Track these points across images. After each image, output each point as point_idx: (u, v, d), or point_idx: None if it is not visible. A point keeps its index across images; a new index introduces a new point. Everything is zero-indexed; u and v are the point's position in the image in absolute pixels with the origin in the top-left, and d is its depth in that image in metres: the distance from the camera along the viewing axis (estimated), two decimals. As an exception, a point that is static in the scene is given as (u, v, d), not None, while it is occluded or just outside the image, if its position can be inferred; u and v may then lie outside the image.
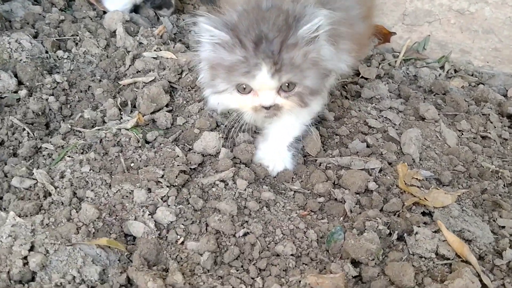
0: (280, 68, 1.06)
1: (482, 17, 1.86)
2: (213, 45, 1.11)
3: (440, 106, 1.68)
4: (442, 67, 1.96)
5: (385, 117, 1.57)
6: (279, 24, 1.07)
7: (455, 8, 1.88)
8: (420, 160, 1.40)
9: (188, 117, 1.48)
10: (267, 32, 1.06)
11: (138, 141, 1.34)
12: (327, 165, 1.35)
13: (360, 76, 1.82)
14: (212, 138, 1.32)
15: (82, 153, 1.29)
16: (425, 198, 1.22)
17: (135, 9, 2.01)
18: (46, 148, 1.32)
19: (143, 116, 1.46)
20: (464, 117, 1.61)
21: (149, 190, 1.18)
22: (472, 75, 1.93)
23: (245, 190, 1.21)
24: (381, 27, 1.97)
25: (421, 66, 1.94)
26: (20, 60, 1.56)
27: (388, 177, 1.30)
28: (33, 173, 1.21)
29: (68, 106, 1.52)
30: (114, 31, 1.82)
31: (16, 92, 1.49)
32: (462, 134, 1.56)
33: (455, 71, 1.95)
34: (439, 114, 1.59)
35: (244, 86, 1.11)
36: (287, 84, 1.10)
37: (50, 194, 1.17)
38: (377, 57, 1.97)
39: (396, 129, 1.50)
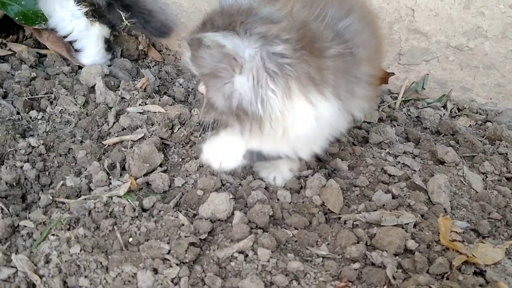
0: (192, 59, 1.01)
1: (482, 53, 1.78)
2: None
3: (454, 148, 1.57)
4: (444, 106, 1.87)
5: (402, 163, 1.44)
6: (225, 20, 0.94)
7: (453, 44, 1.80)
8: (451, 209, 1.26)
9: (187, 176, 1.31)
10: (210, 21, 0.96)
11: (134, 210, 1.14)
12: (354, 222, 1.18)
13: (362, 120, 1.70)
14: (222, 200, 1.14)
15: (68, 229, 1.08)
16: (473, 255, 1.06)
17: (108, 46, 1.85)
18: (25, 226, 1.10)
19: (135, 179, 1.27)
20: (483, 158, 1.50)
21: (155, 271, 0.97)
22: (476, 112, 1.85)
23: (268, 261, 1.03)
24: (377, 68, 1.88)
25: (423, 106, 1.85)
26: (-11, 124, 1.37)
27: (426, 233, 1.14)
28: (11, 260, 0.98)
29: (47, 173, 1.32)
30: (93, 86, 1.64)
31: (-16, 161, 1.28)
32: (486, 177, 1.43)
33: (459, 109, 1.86)
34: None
35: None
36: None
37: (34, 286, 0.94)
38: (376, 99, 1.87)
39: (419, 176, 1.36)
